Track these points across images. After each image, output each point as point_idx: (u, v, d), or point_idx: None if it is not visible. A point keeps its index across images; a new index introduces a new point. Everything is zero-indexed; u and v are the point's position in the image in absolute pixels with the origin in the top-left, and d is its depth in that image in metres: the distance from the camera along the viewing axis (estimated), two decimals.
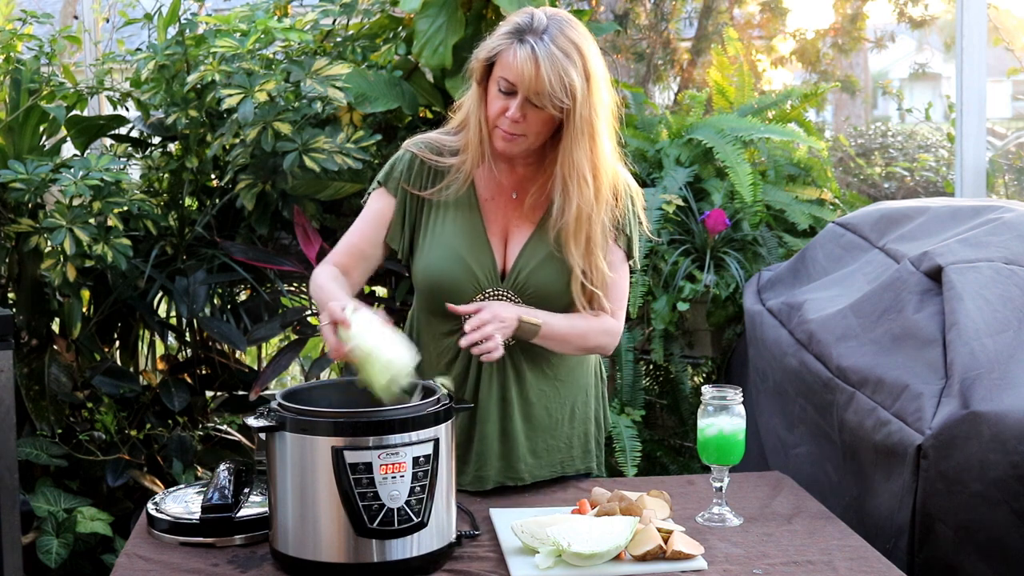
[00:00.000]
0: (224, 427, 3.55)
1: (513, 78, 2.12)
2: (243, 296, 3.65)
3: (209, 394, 3.64)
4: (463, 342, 2.13)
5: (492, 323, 2.13)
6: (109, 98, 3.53)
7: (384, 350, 1.99)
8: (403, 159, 2.32)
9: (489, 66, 2.17)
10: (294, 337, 3.52)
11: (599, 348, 2.34)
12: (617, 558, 1.96)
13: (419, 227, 2.31)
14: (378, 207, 2.32)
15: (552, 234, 2.24)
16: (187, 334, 3.64)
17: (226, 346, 3.59)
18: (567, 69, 2.10)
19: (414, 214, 2.31)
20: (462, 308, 2.18)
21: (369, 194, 2.36)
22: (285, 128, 3.13)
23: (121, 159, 3.49)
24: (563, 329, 2.24)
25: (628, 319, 3.35)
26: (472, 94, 2.23)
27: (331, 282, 2.24)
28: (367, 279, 2.37)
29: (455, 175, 2.28)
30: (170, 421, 3.41)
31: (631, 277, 3.23)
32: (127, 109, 3.57)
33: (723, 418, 2.17)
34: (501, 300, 2.26)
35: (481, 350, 2.12)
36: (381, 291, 3.63)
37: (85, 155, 3.37)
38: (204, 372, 3.62)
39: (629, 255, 2.34)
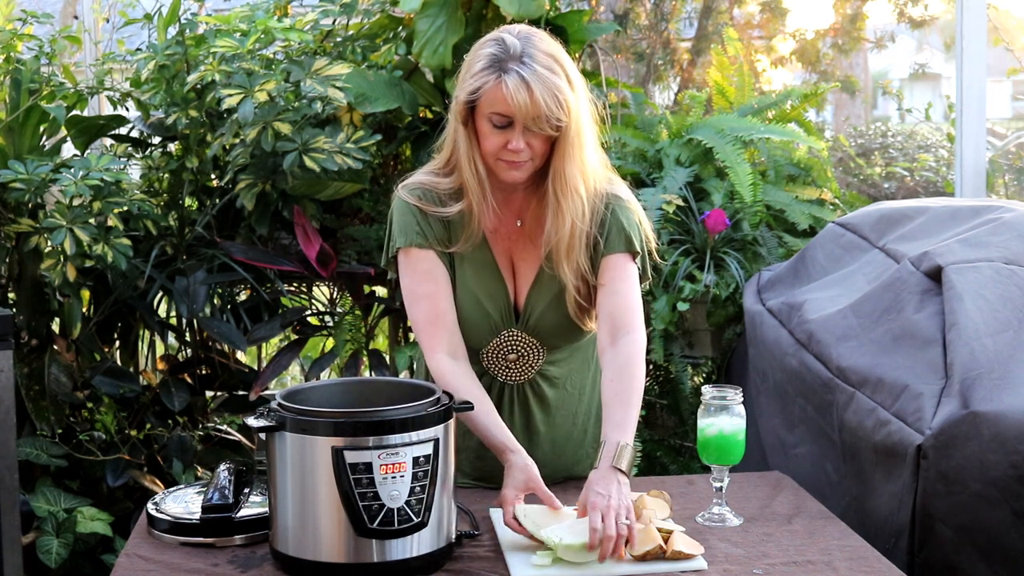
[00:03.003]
0: (224, 427, 3.55)
1: (507, 111, 2.05)
2: (243, 296, 3.65)
3: (209, 394, 3.64)
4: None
5: (618, 511, 1.96)
6: (109, 98, 3.53)
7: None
8: (412, 212, 2.19)
9: (471, 105, 2.10)
10: (294, 337, 3.52)
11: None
12: (617, 558, 1.96)
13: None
14: (426, 267, 2.19)
15: (543, 252, 2.19)
16: (187, 334, 3.65)
17: (226, 346, 3.59)
18: (558, 86, 2.05)
19: (447, 261, 2.23)
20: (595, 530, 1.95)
21: (393, 262, 2.24)
22: (285, 128, 3.13)
23: (121, 159, 3.50)
24: (635, 413, 2.11)
25: None
26: (459, 135, 2.13)
27: (470, 386, 2.14)
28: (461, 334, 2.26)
29: (468, 224, 2.18)
30: (170, 421, 3.41)
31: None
32: (127, 109, 3.57)
33: (723, 418, 2.17)
34: (517, 340, 2.23)
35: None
36: (381, 291, 3.63)
37: (85, 155, 3.38)
38: (204, 372, 3.62)
39: (643, 275, 2.28)
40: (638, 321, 2.20)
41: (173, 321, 3.63)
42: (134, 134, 3.61)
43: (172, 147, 3.57)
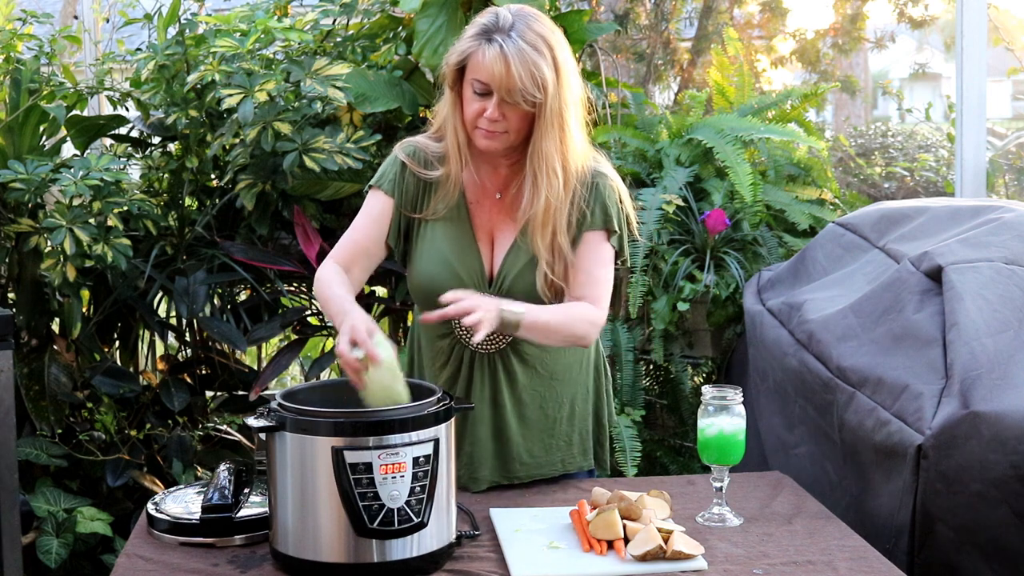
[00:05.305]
0: (224, 427, 3.55)
1: (485, 78, 2.12)
2: (243, 296, 3.65)
3: (209, 394, 3.64)
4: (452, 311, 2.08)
5: (478, 310, 2.07)
6: (109, 98, 3.53)
7: (391, 383, 2.00)
8: (396, 164, 2.31)
9: (460, 70, 2.18)
10: (294, 337, 3.52)
11: (582, 338, 2.25)
12: (617, 557, 1.96)
13: (412, 235, 2.32)
14: (379, 206, 2.31)
15: (519, 224, 2.25)
16: (187, 334, 3.64)
17: (226, 346, 3.59)
18: (537, 63, 2.11)
19: (407, 222, 2.32)
20: (446, 297, 2.10)
21: (365, 194, 2.36)
22: (285, 128, 3.13)
23: (121, 159, 3.49)
24: (546, 319, 2.18)
25: (628, 319, 3.35)
26: (446, 100, 2.23)
27: (338, 284, 2.20)
28: (367, 277, 2.37)
29: (444, 188, 2.28)
30: (170, 421, 3.41)
31: (631, 276, 3.25)
32: (127, 109, 3.57)
33: (723, 418, 2.17)
34: None
35: (469, 321, 2.06)
36: (381, 291, 3.63)
37: (85, 155, 3.37)
38: (204, 372, 3.62)
39: (620, 253, 2.32)
40: (602, 297, 2.27)
41: (173, 321, 3.63)
42: (134, 134, 3.61)
43: (172, 147, 3.57)
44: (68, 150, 3.56)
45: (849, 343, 2.57)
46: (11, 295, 3.42)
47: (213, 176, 3.53)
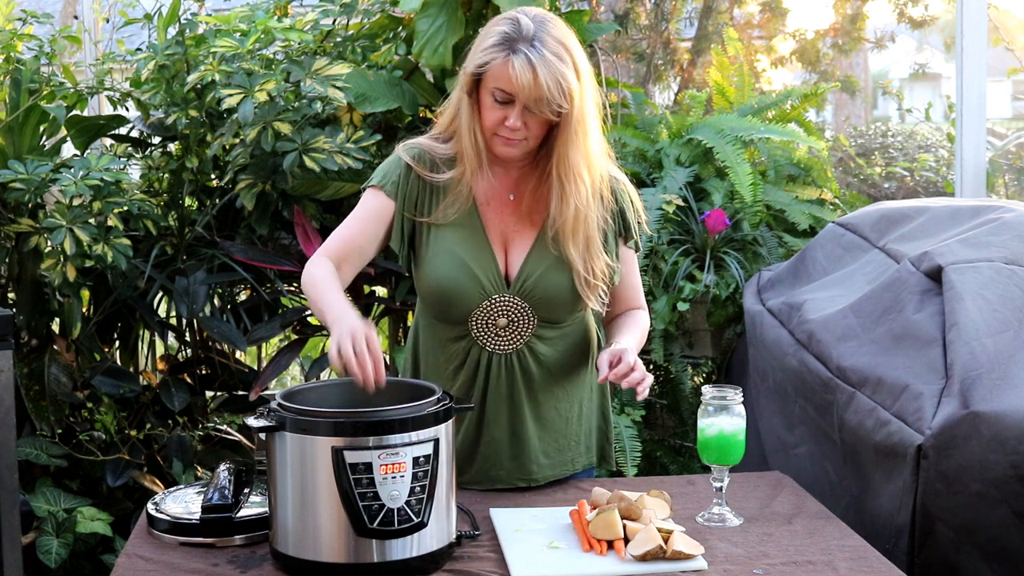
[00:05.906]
0: (224, 427, 3.55)
1: (511, 89, 2.10)
2: (243, 296, 3.65)
3: (209, 394, 3.64)
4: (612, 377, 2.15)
5: (638, 369, 2.15)
6: (109, 98, 3.53)
7: None
8: (400, 166, 2.28)
9: (477, 78, 2.16)
10: (294, 337, 3.52)
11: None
12: (617, 557, 1.96)
13: (419, 237, 2.29)
14: (376, 205, 2.27)
15: (550, 234, 2.24)
16: (187, 334, 3.65)
17: (226, 346, 3.59)
18: (563, 73, 2.10)
19: (411, 225, 2.29)
20: (609, 375, 2.15)
21: (362, 192, 2.33)
22: (285, 128, 3.13)
23: (121, 159, 3.50)
24: (635, 345, 2.28)
25: None
26: (462, 105, 2.20)
27: (331, 283, 2.17)
28: (354, 275, 2.32)
29: (455, 191, 2.25)
30: (170, 421, 3.41)
31: None
32: (127, 109, 3.57)
33: (723, 418, 2.17)
34: (508, 305, 2.26)
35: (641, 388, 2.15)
36: (381, 291, 3.63)
37: (85, 155, 3.38)
38: (204, 372, 3.62)
39: (637, 247, 2.38)
40: (643, 301, 2.44)
41: (173, 321, 3.63)
42: (134, 134, 3.61)
43: (172, 147, 3.57)
44: (68, 150, 3.56)
45: (849, 343, 2.57)
46: (11, 295, 3.42)
47: (213, 176, 3.53)
